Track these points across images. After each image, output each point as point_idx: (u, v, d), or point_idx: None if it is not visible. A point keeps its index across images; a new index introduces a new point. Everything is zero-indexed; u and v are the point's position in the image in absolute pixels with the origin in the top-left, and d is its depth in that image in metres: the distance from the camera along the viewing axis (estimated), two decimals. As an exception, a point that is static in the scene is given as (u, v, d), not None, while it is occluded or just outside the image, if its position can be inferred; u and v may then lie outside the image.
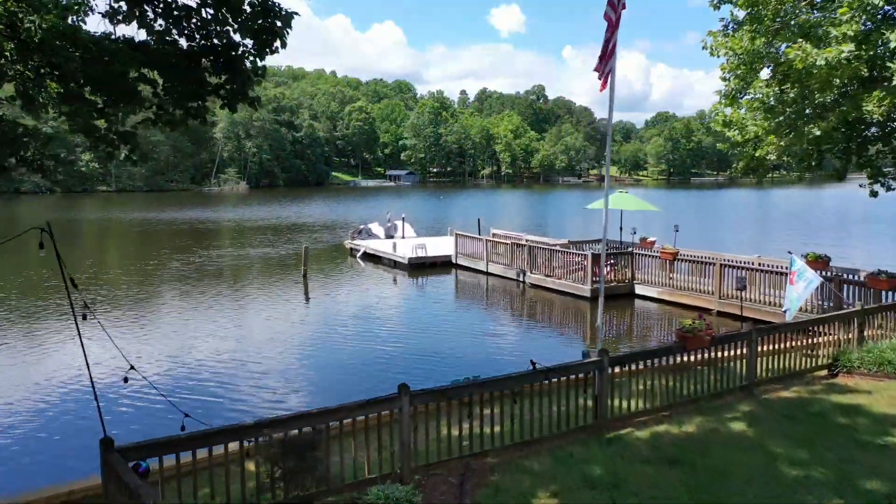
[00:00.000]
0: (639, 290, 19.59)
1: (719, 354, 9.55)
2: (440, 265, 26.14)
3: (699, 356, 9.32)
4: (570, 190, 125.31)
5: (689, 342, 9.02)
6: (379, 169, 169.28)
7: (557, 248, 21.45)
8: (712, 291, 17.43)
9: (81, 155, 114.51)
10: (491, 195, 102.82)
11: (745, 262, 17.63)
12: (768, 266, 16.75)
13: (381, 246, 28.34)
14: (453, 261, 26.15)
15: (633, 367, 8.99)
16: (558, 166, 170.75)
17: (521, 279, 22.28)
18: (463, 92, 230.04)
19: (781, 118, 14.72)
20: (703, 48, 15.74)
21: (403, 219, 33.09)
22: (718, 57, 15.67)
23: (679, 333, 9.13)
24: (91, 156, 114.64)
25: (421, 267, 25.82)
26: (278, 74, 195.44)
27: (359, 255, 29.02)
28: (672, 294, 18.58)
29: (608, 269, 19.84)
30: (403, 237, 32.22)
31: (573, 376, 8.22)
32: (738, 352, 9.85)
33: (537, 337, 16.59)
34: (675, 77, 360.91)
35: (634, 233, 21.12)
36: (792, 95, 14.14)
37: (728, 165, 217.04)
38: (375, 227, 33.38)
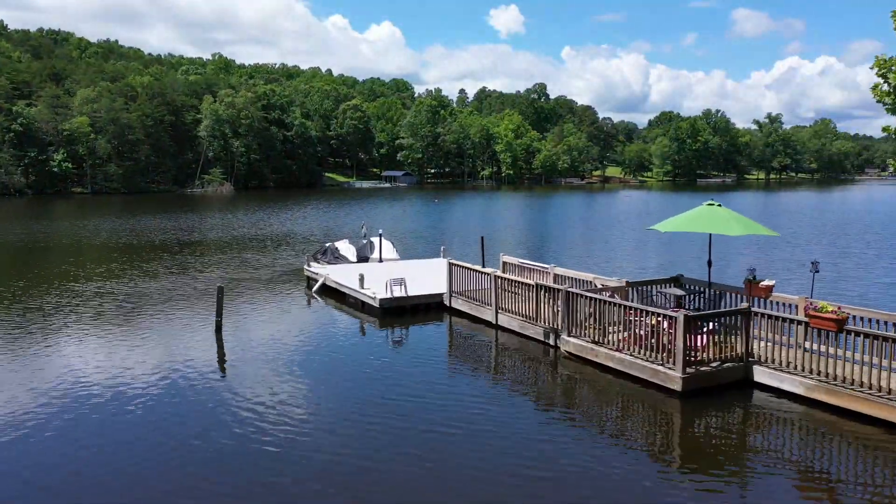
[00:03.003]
0: (761, 375, 11.46)
1: None
2: (426, 309, 18.04)
3: None
4: (575, 192, 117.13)
5: None
6: (375, 170, 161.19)
7: (613, 296, 13.32)
8: (927, 398, 9.35)
9: (54, 154, 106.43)
10: (492, 198, 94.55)
11: None
12: None
13: (345, 277, 20.19)
14: (445, 302, 18.05)
15: None
16: (561, 167, 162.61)
17: (551, 343, 14.22)
18: (462, 91, 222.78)
19: None
20: None
21: (381, 235, 24.85)
22: None
23: None
24: (64, 155, 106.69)
25: (399, 312, 17.72)
26: (271, 72, 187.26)
27: (315, 288, 20.90)
28: (832, 393, 10.44)
29: (702, 337, 11.72)
30: (381, 260, 24.10)
31: None
32: None
33: (591, 467, 8.49)
34: (675, 78, 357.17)
35: (754, 277, 12.84)
36: None
37: (734, 166, 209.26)
38: (344, 246, 25.16)
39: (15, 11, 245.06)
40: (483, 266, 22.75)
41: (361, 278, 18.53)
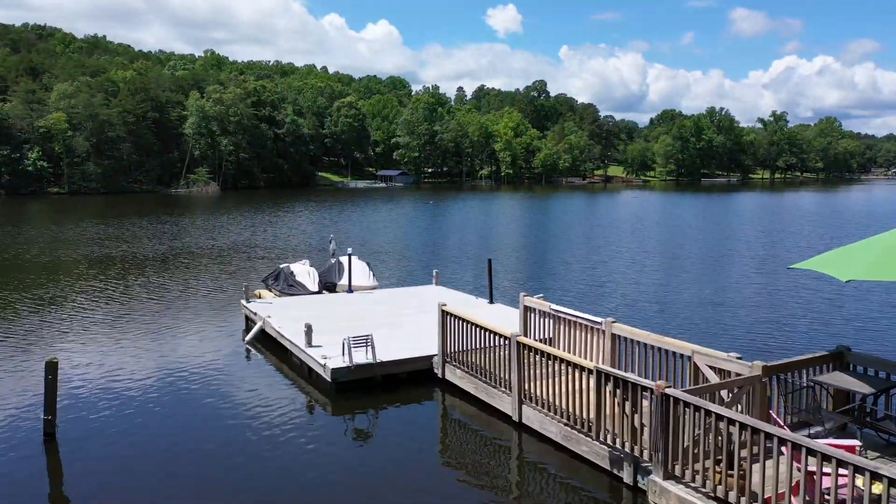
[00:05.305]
0: None
1: None
2: (408, 382, 11.74)
3: None
4: (578, 192, 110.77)
5: None
6: (371, 169, 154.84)
7: (752, 401, 7.06)
8: None
9: (28, 152, 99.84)
10: (492, 199, 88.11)
11: None
12: None
13: (290, 323, 13.83)
14: (436, 370, 11.75)
15: None
16: (561, 166, 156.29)
17: (624, 478, 7.94)
18: (460, 88, 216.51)
19: None
20: None
21: (350, 255, 18.41)
22: None
23: None
24: (39, 153, 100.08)
25: (364, 387, 11.43)
26: (265, 69, 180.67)
27: (250, 335, 14.54)
28: None
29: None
30: (351, 289, 17.76)
31: None
32: None
33: None
34: (673, 78, 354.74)
35: None
36: None
37: (739, 166, 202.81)
38: (302, 269, 18.64)
39: (13, 11, 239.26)
40: (491, 300, 16.48)
41: (308, 330, 12.19)
